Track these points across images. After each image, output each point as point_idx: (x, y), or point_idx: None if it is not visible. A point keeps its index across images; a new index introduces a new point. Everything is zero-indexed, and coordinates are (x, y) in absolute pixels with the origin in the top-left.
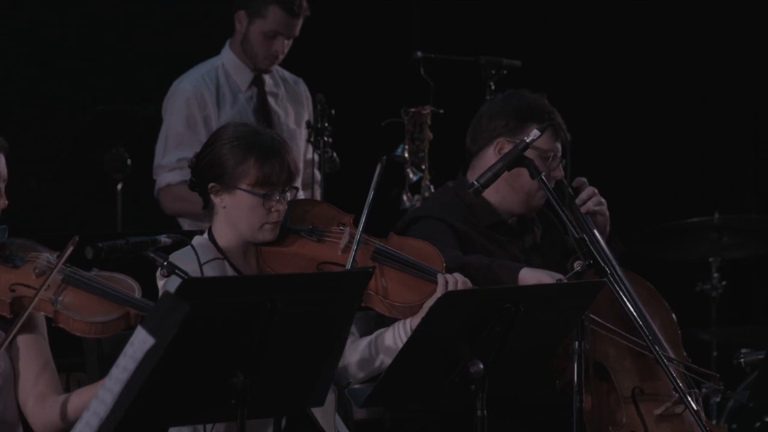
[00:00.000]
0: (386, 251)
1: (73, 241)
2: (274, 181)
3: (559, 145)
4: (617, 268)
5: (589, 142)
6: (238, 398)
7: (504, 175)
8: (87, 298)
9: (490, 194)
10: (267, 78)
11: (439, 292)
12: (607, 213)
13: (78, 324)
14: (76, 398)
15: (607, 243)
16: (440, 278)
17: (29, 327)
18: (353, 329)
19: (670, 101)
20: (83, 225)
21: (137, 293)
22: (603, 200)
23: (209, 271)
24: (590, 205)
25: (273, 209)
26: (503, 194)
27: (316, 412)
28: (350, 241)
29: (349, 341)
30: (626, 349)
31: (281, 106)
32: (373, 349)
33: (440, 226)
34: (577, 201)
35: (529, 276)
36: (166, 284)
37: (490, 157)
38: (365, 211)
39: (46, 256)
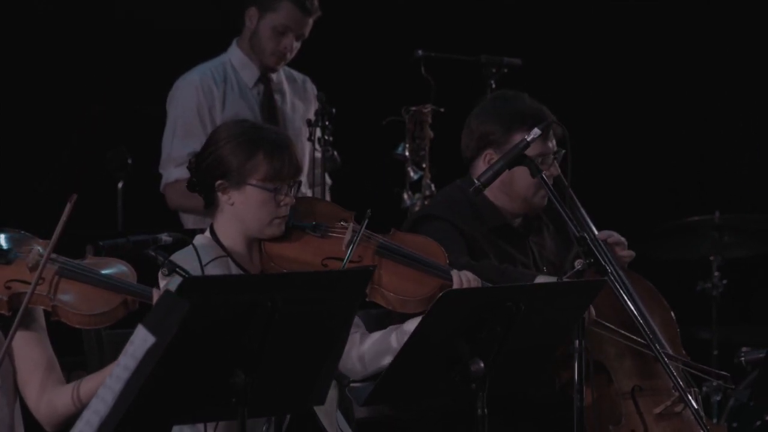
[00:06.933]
0: (390, 246)
1: (60, 229)
2: (283, 175)
3: (551, 144)
4: (617, 267)
5: (589, 141)
6: (239, 397)
7: (498, 183)
8: (83, 289)
9: (493, 196)
10: (273, 76)
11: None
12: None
13: (77, 317)
14: (88, 383)
15: None
16: (455, 276)
17: (27, 322)
18: (360, 323)
19: (671, 100)
20: (84, 224)
21: (132, 279)
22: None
23: (213, 270)
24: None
25: (282, 203)
26: (502, 200)
27: (318, 409)
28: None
29: (357, 336)
30: (626, 348)
31: (287, 104)
32: (379, 346)
33: (449, 230)
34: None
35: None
36: (167, 284)
37: (481, 167)
38: (368, 211)
39: (38, 249)
